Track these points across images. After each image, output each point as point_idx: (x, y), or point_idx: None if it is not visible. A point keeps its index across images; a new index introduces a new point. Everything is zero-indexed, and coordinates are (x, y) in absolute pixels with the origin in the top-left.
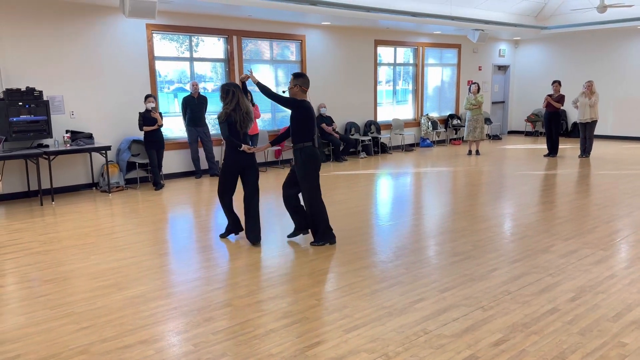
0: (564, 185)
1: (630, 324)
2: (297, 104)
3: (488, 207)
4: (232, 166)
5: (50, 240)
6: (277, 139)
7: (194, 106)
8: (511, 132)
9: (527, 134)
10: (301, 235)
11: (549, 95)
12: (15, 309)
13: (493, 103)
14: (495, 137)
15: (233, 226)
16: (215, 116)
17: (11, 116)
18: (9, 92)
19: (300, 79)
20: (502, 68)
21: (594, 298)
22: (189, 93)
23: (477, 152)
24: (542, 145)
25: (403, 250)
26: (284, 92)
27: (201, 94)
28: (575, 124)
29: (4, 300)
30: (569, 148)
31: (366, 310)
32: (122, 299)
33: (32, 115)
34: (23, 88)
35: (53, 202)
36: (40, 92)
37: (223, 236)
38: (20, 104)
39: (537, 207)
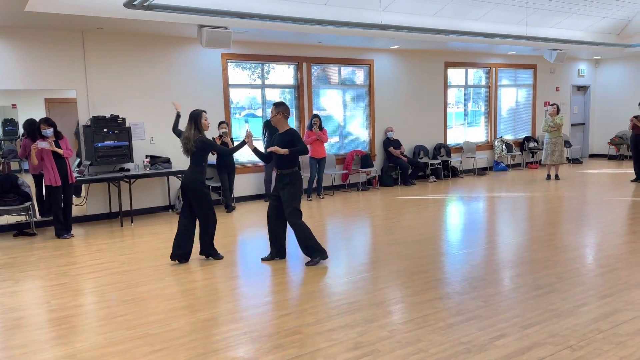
0: None
1: None
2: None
3: (571, 236)
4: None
5: (129, 260)
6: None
7: (273, 130)
8: (593, 156)
9: (611, 157)
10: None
11: (635, 117)
12: (95, 328)
13: (572, 125)
14: (575, 161)
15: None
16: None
17: (96, 142)
18: (95, 120)
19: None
20: (582, 88)
21: None
22: (260, 118)
23: (557, 177)
24: (628, 170)
25: (479, 282)
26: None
27: None
28: None
29: (85, 319)
30: None
31: (442, 345)
32: (195, 321)
33: (115, 141)
34: (108, 115)
35: (132, 224)
36: (124, 119)
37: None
38: (105, 130)
39: (626, 237)
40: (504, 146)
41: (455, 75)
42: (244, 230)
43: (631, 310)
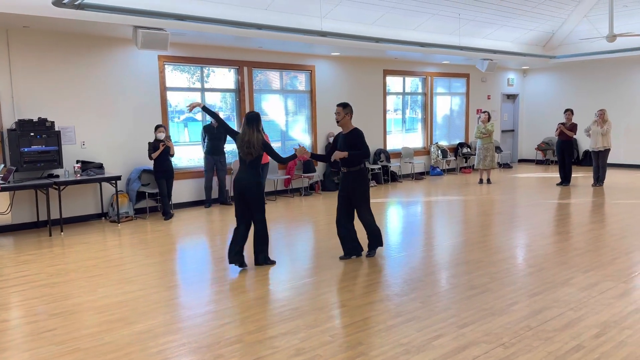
0: (579, 215)
1: None
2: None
3: (502, 237)
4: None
5: (58, 272)
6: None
7: (213, 135)
8: (521, 161)
9: (538, 162)
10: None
11: (562, 124)
12: (20, 344)
13: (503, 131)
14: (505, 166)
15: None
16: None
17: (22, 146)
18: (21, 123)
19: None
20: (511, 97)
21: (620, 334)
22: (199, 122)
23: (489, 181)
24: (554, 174)
25: (417, 283)
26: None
27: None
28: (587, 152)
29: (9, 335)
30: (581, 177)
31: (382, 347)
32: (130, 334)
33: (43, 146)
34: (35, 119)
35: (62, 233)
36: (52, 122)
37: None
38: (32, 134)
39: (553, 238)
40: (439, 152)
41: (394, 83)
42: (183, 237)
43: (557, 307)
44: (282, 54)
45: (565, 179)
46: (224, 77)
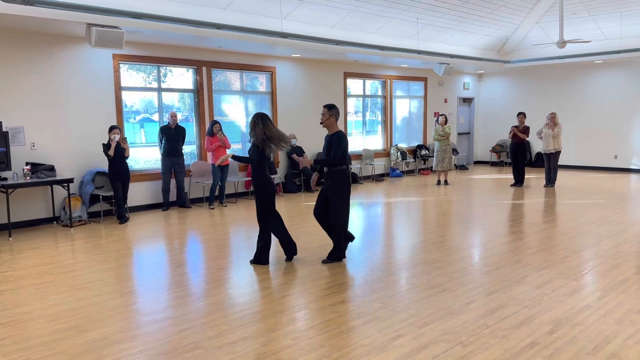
0: (532, 215)
1: (610, 356)
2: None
3: (460, 237)
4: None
5: (6, 279)
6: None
7: (170, 136)
8: (477, 162)
9: (493, 164)
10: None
11: (515, 127)
12: None
13: (459, 134)
14: (462, 167)
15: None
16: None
17: None
18: None
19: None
20: (467, 100)
21: (572, 330)
22: (156, 123)
23: (446, 182)
24: (508, 175)
25: (378, 284)
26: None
27: (179, 124)
28: (539, 154)
29: None
30: (533, 178)
31: (344, 349)
32: (83, 342)
33: None
34: None
35: (10, 238)
36: (0, 122)
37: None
38: None
39: (508, 237)
40: (399, 154)
41: (354, 85)
42: (139, 242)
43: (513, 305)
44: (242, 54)
45: (519, 180)
46: (182, 77)
